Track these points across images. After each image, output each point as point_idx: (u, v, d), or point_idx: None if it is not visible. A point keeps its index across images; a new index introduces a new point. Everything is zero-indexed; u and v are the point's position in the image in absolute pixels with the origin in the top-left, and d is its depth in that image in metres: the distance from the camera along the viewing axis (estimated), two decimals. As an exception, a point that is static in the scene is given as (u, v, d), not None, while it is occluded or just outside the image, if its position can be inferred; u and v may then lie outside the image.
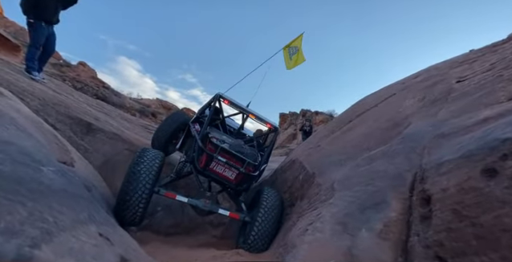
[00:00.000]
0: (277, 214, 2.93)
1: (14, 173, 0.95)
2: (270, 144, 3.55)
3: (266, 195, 3.01)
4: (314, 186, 2.34)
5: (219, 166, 2.97)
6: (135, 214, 2.66)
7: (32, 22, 4.45)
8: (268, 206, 2.90)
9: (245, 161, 2.94)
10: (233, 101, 3.49)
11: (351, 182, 1.50)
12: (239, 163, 2.96)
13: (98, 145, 4.47)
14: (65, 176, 1.49)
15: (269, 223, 2.84)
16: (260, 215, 2.84)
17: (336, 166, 2.08)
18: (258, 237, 2.77)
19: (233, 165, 2.95)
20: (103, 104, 6.96)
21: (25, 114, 1.87)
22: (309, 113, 31.55)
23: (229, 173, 3.00)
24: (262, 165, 3.22)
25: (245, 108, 3.55)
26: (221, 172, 3.00)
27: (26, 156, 1.14)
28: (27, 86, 3.98)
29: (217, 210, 2.99)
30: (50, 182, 1.17)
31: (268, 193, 3.07)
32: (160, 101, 29.32)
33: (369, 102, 2.61)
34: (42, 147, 1.57)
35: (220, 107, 3.72)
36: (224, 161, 2.92)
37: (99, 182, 3.26)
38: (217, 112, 3.73)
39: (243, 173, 2.94)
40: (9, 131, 1.18)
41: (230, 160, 2.96)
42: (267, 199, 2.96)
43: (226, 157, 2.95)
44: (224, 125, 3.82)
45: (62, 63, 18.10)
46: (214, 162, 2.94)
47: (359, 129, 2.23)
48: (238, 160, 2.97)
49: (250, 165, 2.99)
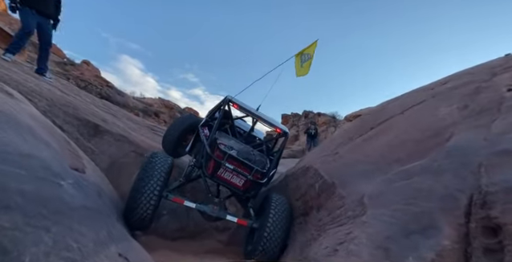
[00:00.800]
0: (286, 223, 2.90)
1: (37, 192, 0.87)
2: (278, 149, 3.49)
3: (274, 203, 2.97)
4: (335, 197, 2.23)
5: (227, 173, 2.96)
6: (143, 220, 2.67)
7: (14, 6, 4.15)
8: (277, 215, 2.86)
9: (253, 169, 2.91)
10: (243, 105, 3.47)
11: (387, 199, 1.41)
12: (247, 170, 2.94)
13: (104, 146, 4.39)
14: (82, 188, 1.40)
15: (278, 232, 2.81)
16: (269, 225, 2.80)
17: (362, 178, 1.98)
18: (267, 247, 2.74)
19: (240, 172, 2.93)
20: (109, 105, 6.88)
21: (38, 119, 1.78)
22: (311, 115, 31.43)
23: (237, 180, 2.98)
24: (270, 171, 3.17)
25: (254, 112, 3.52)
26: (229, 179, 2.98)
27: (47, 170, 1.06)
28: (35, 86, 3.90)
29: (224, 217, 2.98)
30: (71, 198, 1.08)
31: (277, 200, 3.03)
32: (162, 100, 29.27)
33: (392, 109, 2.50)
34: (59, 156, 1.48)
35: (229, 111, 3.69)
36: (232, 168, 2.91)
37: (107, 186, 3.18)
38: (226, 115, 3.69)
39: (251, 180, 2.93)
40: (28, 142, 1.10)
41: (238, 167, 2.94)
42: (276, 207, 2.92)
43: (234, 163, 2.94)
44: (233, 129, 3.79)
45: (66, 61, 18.06)
46: (222, 169, 2.93)
47: (384, 138, 2.13)
48: (246, 167, 2.94)
49: (258, 172, 2.97)
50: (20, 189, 0.79)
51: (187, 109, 32.48)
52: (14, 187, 0.77)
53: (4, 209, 0.68)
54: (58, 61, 16.56)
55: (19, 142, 1.01)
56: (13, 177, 0.81)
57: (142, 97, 24.62)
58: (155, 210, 2.71)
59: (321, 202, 2.62)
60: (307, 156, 3.99)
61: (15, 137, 1.01)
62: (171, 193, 2.89)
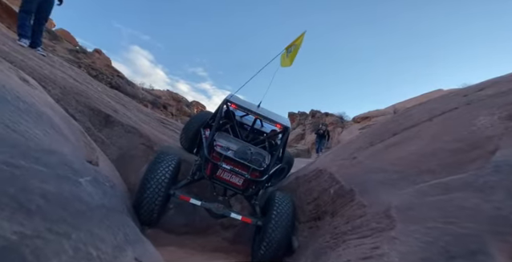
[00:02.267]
0: (290, 221, 2.92)
1: (58, 192, 0.79)
2: (280, 145, 3.48)
3: (278, 201, 3.00)
4: (353, 205, 2.13)
5: (225, 173, 3.02)
6: (150, 218, 2.81)
7: None
8: (280, 213, 2.89)
9: (250, 168, 2.95)
10: (241, 104, 3.50)
11: (421, 214, 1.30)
12: (245, 169, 2.98)
13: (115, 138, 4.35)
14: (99, 185, 1.34)
15: (281, 231, 2.83)
16: (271, 226, 2.82)
17: (386, 187, 1.87)
18: (270, 246, 2.79)
19: (238, 171, 2.97)
20: (120, 95, 6.85)
21: (55, 108, 1.72)
22: (319, 114, 31.21)
23: (236, 180, 3.03)
24: (270, 168, 3.18)
25: (253, 109, 3.53)
26: (229, 179, 3.04)
27: (67, 166, 0.98)
28: (49, 73, 3.86)
29: (229, 215, 3.05)
30: (90, 198, 1.01)
31: (280, 199, 3.06)
32: (170, 93, 29.36)
33: (418, 115, 2.38)
34: (76, 150, 1.42)
35: (229, 111, 3.80)
36: (229, 169, 2.97)
37: (117, 179, 3.15)
38: (228, 116, 3.81)
39: (249, 179, 2.96)
40: (49, 135, 1.03)
41: (236, 167, 2.99)
42: (279, 206, 2.95)
43: (231, 164, 2.99)
44: (234, 129, 3.84)
45: (79, 49, 18.13)
46: (220, 170, 3.00)
47: (411, 145, 2.01)
48: (244, 166, 2.98)
49: (256, 170, 2.99)
50: (41, 189, 0.72)
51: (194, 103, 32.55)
52: (35, 187, 0.70)
53: (26, 213, 0.60)
54: (70, 48, 16.63)
55: (41, 136, 0.94)
56: (34, 175, 0.73)
57: (151, 89, 24.70)
58: (161, 209, 2.83)
59: (336, 208, 2.52)
60: (320, 158, 3.87)
61: (36, 129, 0.94)
62: (178, 191, 2.98)
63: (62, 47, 15.08)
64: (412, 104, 22.73)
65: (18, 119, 0.86)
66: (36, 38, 4.46)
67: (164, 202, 2.97)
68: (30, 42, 4.40)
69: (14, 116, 0.85)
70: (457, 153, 1.51)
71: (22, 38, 4.23)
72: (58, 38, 16.07)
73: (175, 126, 7.40)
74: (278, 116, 3.83)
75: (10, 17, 7.65)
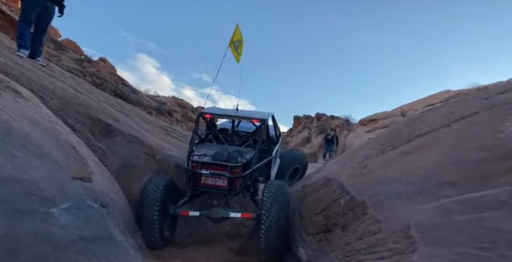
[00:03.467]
0: (282, 205, 2.91)
1: (10, 236, 0.65)
2: (259, 137, 3.51)
3: (267, 188, 3.02)
4: (366, 219, 1.96)
5: (208, 179, 3.13)
6: (153, 242, 2.88)
7: None
8: (270, 199, 2.90)
9: (228, 166, 3.02)
10: (215, 112, 3.81)
11: (447, 237, 1.13)
12: (224, 169, 3.06)
13: (116, 147, 4.25)
14: (82, 210, 1.20)
15: (274, 217, 2.83)
16: (264, 212, 2.82)
17: (401, 200, 1.70)
18: (267, 236, 2.80)
19: (219, 173, 3.07)
20: (122, 104, 6.79)
21: (40, 123, 1.60)
22: (324, 117, 30.96)
23: (221, 182, 3.11)
24: (254, 162, 3.25)
25: (229, 114, 3.80)
26: (213, 183, 3.13)
27: (33, 196, 0.85)
28: (48, 84, 3.80)
29: (228, 215, 3.13)
30: (61, 231, 0.87)
31: (270, 185, 3.09)
32: (175, 99, 29.48)
33: (433, 120, 2.19)
34: (59, 169, 1.29)
35: (208, 121, 4.06)
36: (209, 173, 3.07)
37: (116, 192, 3.02)
38: (209, 126, 4.10)
39: (231, 177, 3.03)
40: (16, 159, 0.89)
41: (215, 169, 3.08)
42: (269, 192, 2.96)
43: (210, 168, 3.10)
44: (216, 137, 4.02)
45: (84, 58, 18.36)
46: (203, 177, 3.11)
47: (428, 154, 1.83)
48: (222, 167, 3.07)
49: (235, 167, 3.05)
50: None
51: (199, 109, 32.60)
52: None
53: None
54: (76, 58, 16.83)
55: (1, 162, 0.80)
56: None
57: (156, 95, 24.82)
58: (163, 231, 2.94)
59: (347, 221, 2.35)
60: (328, 166, 3.70)
61: (-3, 154, 0.80)
62: (178, 208, 3.13)
63: (68, 57, 15.27)
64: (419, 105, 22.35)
65: (-29, 144, 0.73)
66: (35, 49, 4.42)
67: (169, 222, 3.13)
68: (30, 53, 4.36)
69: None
70: (484, 163, 1.34)
71: (21, 49, 4.19)
72: (63, 48, 16.29)
73: (178, 133, 7.29)
74: (257, 113, 4.03)
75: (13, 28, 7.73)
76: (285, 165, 4.52)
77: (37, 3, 4.09)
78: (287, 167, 4.52)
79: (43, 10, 4.19)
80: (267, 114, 3.92)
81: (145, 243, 2.78)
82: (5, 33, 7.03)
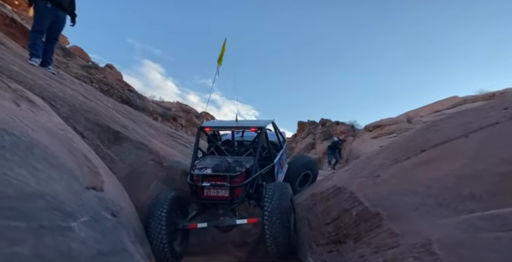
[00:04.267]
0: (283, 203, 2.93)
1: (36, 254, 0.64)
2: (258, 145, 3.61)
3: (267, 189, 3.06)
4: (382, 231, 1.91)
5: (210, 190, 3.15)
6: (164, 257, 2.86)
7: (32, 0, 4.07)
8: (270, 198, 2.93)
9: (227, 176, 3.07)
10: (214, 125, 4.00)
11: (474, 255, 1.09)
12: (224, 180, 3.10)
13: (124, 154, 4.25)
14: (98, 222, 1.18)
15: (276, 216, 2.85)
16: (266, 213, 2.86)
17: (420, 213, 1.65)
18: (273, 243, 2.84)
19: (219, 184, 3.10)
20: (130, 110, 6.84)
21: (56, 133, 1.60)
22: (329, 123, 30.85)
23: (223, 192, 3.14)
24: (254, 169, 3.30)
25: (228, 125, 3.96)
26: (216, 194, 3.16)
27: (56, 211, 0.84)
28: (58, 91, 3.84)
29: (234, 223, 3.16)
30: (82, 247, 0.85)
31: (269, 186, 3.13)
32: (180, 104, 29.65)
33: (449, 129, 2.15)
34: (76, 179, 1.28)
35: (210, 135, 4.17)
36: (209, 185, 3.11)
37: (125, 201, 3.01)
38: (211, 139, 4.18)
39: (233, 187, 3.08)
40: (38, 172, 0.89)
41: (216, 181, 3.12)
42: (268, 192, 3.01)
43: (210, 180, 3.14)
44: (219, 149, 4.13)
45: (91, 65, 18.63)
46: (205, 189, 3.15)
47: (445, 165, 1.79)
48: (221, 177, 3.11)
49: (234, 177, 3.10)
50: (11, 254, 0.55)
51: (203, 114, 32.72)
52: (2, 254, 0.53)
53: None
54: (83, 64, 17.10)
55: (25, 176, 0.80)
56: (5, 235, 0.57)
57: (161, 101, 25.01)
58: (172, 248, 2.94)
59: (360, 233, 2.29)
60: (337, 174, 3.65)
61: (22, 168, 0.80)
62: (186, 222, 3.19)
63: (76, 64, 15.52)
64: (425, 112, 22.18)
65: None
66: (47, 57, 4.49)
67: (180, 237, 3.18)
68: (41, 61, 4.43)
69: (-8, 157, 0.71)
70: (509, 177, 1.30)
71: (33, 58, 4.26)
72: (71, 55, 16.58)
73: (184, 139, 7.30)
74: (256, 121, 4.18)
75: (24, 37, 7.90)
76: (294, 172, 4.52)
77: (49, 13, 4.18)
78: (297, 173, 4.52)
79: (55, 19, 4.28)
80: (265, 122, 3.97)
81: (157, 259, 2.77)
82: (16, 41, 7.18)
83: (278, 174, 4.12)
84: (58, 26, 4.42)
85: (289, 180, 4.43)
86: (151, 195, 4.06)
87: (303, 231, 3.37)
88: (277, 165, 3.95)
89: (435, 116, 18.56)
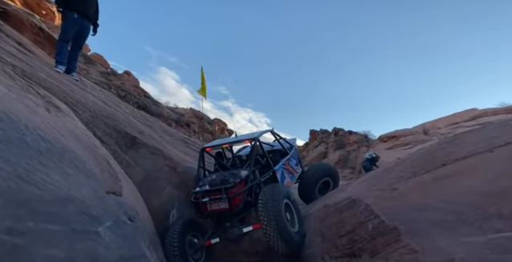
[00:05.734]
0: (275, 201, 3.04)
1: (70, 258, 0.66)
2: (251, 156, 3.77)
3: (261, 193, 3.16)
4: (400, 247, 1.85)
5: (212, 205, 3.32)
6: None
7: (61, 11, 4.29)
8: (263, 200, 3.04)
9: (221, 189, 3.22)
10: (214, 144, 4.28)
11: (502, 277, 1.04)
12: (221, 193, 3.24)
13: (140, 159, 4.35)
14: (120, 227, 1.21)
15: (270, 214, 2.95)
16: (261, 214, 2.97)
17: (442, 230, 1.59)
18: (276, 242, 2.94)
19: (217, 198, 3.25)
20: (146, 116, 7.02)
21: (81, 138, 1.67)
22: (342, 132, 30.45)
23: (223, 205, 3.28)
24: (250, 178, 3.46)
25: (225, 142, 4.30)
26: (218, 207, 3.31)
27: (84, 216, 0.87)
28: (81, 97, 4.01)
29: (242, 232, 3.28)
30: (107, 252, 0.88)
31: (264, 189, 3.25)
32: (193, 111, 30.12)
33: (473, 143, 2.08)
34: (99, 184, 1.33)
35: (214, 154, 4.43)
36: (209, 200, 3.28)
37: (141, 206, 3.06)
38: (216, 157, 4.40)
39: (231, 197, 3.22)
40: (69, 177, 0.92)
41: (214, 195, 3.28)
42: (262, 195, 3.11)
43: (209, 195, 3.30)
44: (222, 165, 4.29)
45: (110, 71, 19.34)
46: (208, 204, 3.33)
47: (468, 181, 1.73)
48: (218, 191, 3.27)
49: (229, 188, 3.24)
50: (49, 256, 0.58)
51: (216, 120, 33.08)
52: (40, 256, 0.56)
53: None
54: (102, 71, 17.77)
55: (59, 181, 0.83)
56: (41, 240, 0.60)
57: (175, 107, 25.48)
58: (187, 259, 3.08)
59: (376, 248, 2.22)
60: (352, 186, 3.58)
61: (55, 173, 0.84)
62: (203, 240, 3.36)
63: (96, 70, 16.15)
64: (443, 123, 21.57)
65: (36, 165, 0.77)
66: (71, 65, 4.72)
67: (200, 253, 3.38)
68: (66, 68, 4.64)
69: (32, 163, 0.76)
70: (538, 195, 1.24)
71: (59, 65, 4.48)
72: (92, 62, 17.29)
73: (197, 146, 7.39)
74: (252, 133, 4.37)
75: (50, 44, 8.33)
76: (313, 179, 4.51)
77: (76, 23, 4.41)
78: (316, 181, 4.50)
79: (81, 29, 4.50)
80: (259, 133, 4.20)
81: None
82: (43, 49, 7.57)
83: (285, 180, 4.19)
84: (83, 36, 4.65)
85: (307, 187, 4.48)
86: (164, 201, 4.12)
87: (316, 241, 3.30)
88: (279, 170, 4.08)
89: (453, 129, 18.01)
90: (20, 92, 1.39)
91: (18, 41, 5.60)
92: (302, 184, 4.56)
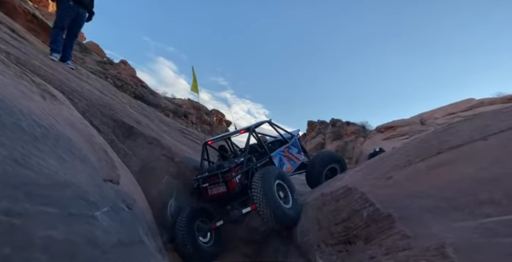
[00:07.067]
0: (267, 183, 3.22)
1: (67, 239, 0.67)
2: (246, 144, 4.01)
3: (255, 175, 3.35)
4: (393, 233, 1.89)
5: (213, 189, 3.62)
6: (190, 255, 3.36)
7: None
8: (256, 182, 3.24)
9: (218, 174, 3.50)
10: (215, 138, 4.65)
11: (489, 259, 1.08)
12: (218, 178, 3.52)
13: (137, 149, 4.35)
14: (117, 213, 1.23)
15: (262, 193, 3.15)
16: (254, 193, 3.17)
17: (434, 216, 1.63)
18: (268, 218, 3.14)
19: (216, 182, 3.55)
20: (143, 106, 6.97)
21: (77, 126, 1.66)
22: (339, 123, 30.54)
23: (221, 188, 3.56)
24: (245, 163, 3.71)
25: (223, 134, 4.68)
26: (217, 192, 3.59)
27: (82, 200, 0.88)
28: (76, 86, 3.96)
29: (241, 213, 3.51)
30: (105, 236, 0.89)
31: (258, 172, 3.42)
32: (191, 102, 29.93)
33: (467, 132, 2.10)
34: (96, 171, 1.33)
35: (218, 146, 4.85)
36: (209, 185, 3.60)
37: (139, 195, 3.08)
38: (219, 150, 4.77)
39: (226, 181, 3.49)
40: (65, 163, 0.93)
41: (213, 180, 3.59)
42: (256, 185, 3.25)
43: (208, 181, 3.62)
44: (224, 156, 4.66)
45: (106, 60, 19.04)
46: (208, 190, 3.64)
47: (462, 168, 1.76)
48: (215, 176, 3.56)
49: (225, 172, 3.51)
50: (45, 239, 0.60)
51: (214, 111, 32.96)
52: (37, 238, 0.57)
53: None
54: (98, 60, 17.49)
55: (55, 166, 0.84)
56: (38, 221, 0.61)
57: (172, 98, 25.28)
58: (194, 243, 3.36)
59: (371, 234, 2.27)
60: (348, 175, 3.62)
61: (51, 158, 0.84)
62: (210, 224, 3.69)
63: (91, 59, 15.89)
64: (440, 114, 21.63)
65: (32, 150, 0.77)
66: (66, 53, 4.64)
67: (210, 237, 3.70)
68: (61, 56, 4.57)
69: (27, 147, 0.76)
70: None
71: (54, 53, 4.40)
72: (87, 51, 16.99)
73: (195, 136, 7.40)
74: (242, 127, 4.73)
75: (44, 32, 8.15)
76: (318, 166, 4.64)
77: (71, 10, 4.31)
78: (321, 168, 4.63)
79: (76, 16, 4.41)
80: (255, 124, 4.51)
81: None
82: (37, 36, 7.41)
83: (284, 165, 4.39)
84: (78, 24, 4.56)
85: (313, 174, 4.63)
86: (162, 190, 4.15)
87: (312, 229, 3.37)
88: (277, 156, 4.31)
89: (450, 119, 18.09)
90: (14, 78, 1.37)
91: (12, 28, 5.47)
92: (308, 171, 4.70)
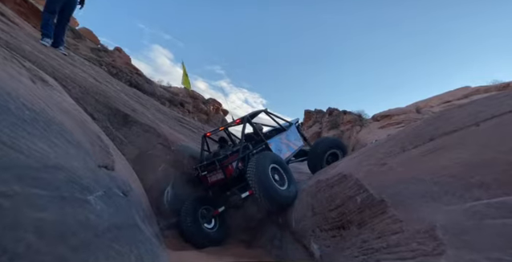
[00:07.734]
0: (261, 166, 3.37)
1: (59, 221, 0.68)
2: (242, 132, 4.19)
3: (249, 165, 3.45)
4: (386, 218, 1.93)
5: (211, 177, 3.83)
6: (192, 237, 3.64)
7: None
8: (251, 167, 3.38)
9: (215, 161, 3.72)
10: (213, 129, 4.89)
11: (479, 241, 1.11)
12: (214, 165, 3.75)
13: (133, 137, 4.34)
14: (112, 198, 1.23)
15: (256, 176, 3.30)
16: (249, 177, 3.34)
17: (426, 201, 1.66)
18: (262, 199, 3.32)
19: (213, 169, 3.78)
20: (139, 94, 6.89)
21: (69, 112, 1.64)
22: (336, 112, 30.54)
23: (220, 175, 3.76)
24: (241, 150, 3.87)
25: (222, 125, 4.98)
26: (216, 179, 3.80)
27: (74, 184, 0.87)
28: (70, 73, 3.89)
29: (241, 197, 3.68)
30: (98, 219, 0.89)
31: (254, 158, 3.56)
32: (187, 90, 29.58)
33: (460, 118, 2.11)
34: (90, 157, 1.33)
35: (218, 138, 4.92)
36: (207, 173, 3.83)
37: (134, 182, 3.09)
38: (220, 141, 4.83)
39: (223, 167, 3.69)
40: (57, 147, 0.92)
41: (210, 168, 3.82)
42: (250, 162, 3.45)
43: (207, 169, 3.85)
44: (223, 146, 4.73)
45: (100, 47, 18.59)
46: (208, 177, 3.85)
47: (454, 154, 1.78)
48: (212, 164, 3.79)
49: (221, 159, 3.72)
50: (36, 220, 0.59)
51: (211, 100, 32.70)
52: (28, 219, 0.57)
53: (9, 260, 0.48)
54: (92, 47, 17.08)
55: (46, 149, 0.82)
56: (28, 203, 0.61)
57: (168, 86, 24.97)
58: (199, 230, 3.63)
59: (364, 219, 2.32)
60: (344, 162, 3.66)
61: (41, 142, 0.83)
62: (213, 210, 3.92)
63: (85, 46, 15.52)
64: (435, 102, 21.68)
65: (20, 132, 0.75)
66: (58, 38, 4.52)
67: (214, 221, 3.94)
68: (53, 42, 4.45)
69: (15, 130, 0.74)
70: (519, 166, 1.28)
71: (45, 38, 4.29)
72: (81, 37, 16.55)
73: (192, 125, 7.37)
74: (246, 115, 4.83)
75: (35, 16, 7.89)
76: (319, 152, 4.75)
77: None
78: (321, 153, 4.73)
79: (67, 0, 4.26)
80: (252, 113, 4.68)
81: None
82: (27, 21, 7.18)
83: (282, 151, 4.50)
84: (70, 8, 4.42)
85: (314, 160, 4.74)
86: (159, 178, 4.17)
87: (307, 215, 3.43)
88: (273, 143, 4.43)
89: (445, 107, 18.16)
90: (3, 61, 1.34)
91: (1, 11, 5.28)
92: (309, 157, 4.83)
